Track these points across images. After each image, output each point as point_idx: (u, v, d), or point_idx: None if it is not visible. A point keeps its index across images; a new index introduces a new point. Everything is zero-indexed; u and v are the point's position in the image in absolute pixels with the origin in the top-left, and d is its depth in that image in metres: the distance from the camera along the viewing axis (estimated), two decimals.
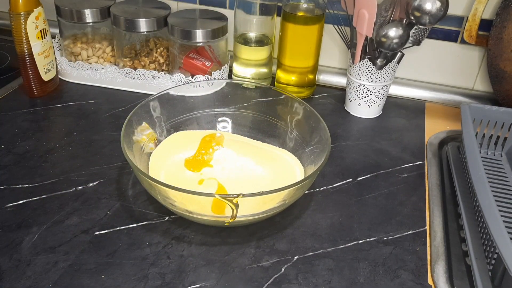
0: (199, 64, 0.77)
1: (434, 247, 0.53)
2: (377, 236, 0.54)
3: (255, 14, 0.77)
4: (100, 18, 0.79)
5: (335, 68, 0.87)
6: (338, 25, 0.77)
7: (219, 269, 0.48)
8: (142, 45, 0.79)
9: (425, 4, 0.64)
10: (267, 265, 0.49)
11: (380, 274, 0.49)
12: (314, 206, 0.58)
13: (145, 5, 0.80)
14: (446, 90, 0.83)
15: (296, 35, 0.76)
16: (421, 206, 0.59)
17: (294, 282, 0.48)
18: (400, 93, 0.84)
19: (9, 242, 0.50)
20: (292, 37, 0.76)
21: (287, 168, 0.61)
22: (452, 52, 0.81)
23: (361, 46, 0.71)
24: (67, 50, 0.82)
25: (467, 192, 0.58)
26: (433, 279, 0.49)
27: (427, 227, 0.56)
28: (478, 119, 0.66)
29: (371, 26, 0.68)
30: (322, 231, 0.54)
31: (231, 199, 0.45)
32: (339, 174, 0.64)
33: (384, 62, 0.72)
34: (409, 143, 0.71)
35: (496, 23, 0.72)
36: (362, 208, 0.58)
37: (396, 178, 0.64)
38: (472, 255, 0.50)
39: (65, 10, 0.78)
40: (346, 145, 0.70)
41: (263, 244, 0.52)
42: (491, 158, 0.67)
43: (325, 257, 0.51)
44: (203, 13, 0.79)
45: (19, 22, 0.69)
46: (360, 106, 0.77)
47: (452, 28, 0.79)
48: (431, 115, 0.79)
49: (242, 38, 0.79)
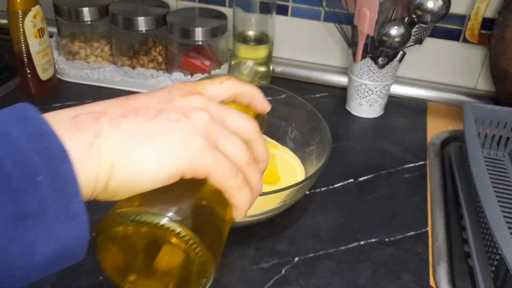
0: (198, 63, 0.76)
1: (436, 248, 0.52)
2: (379, 237, 0.53)
3: (254, 12, 0.76)
4: (98, 17, 0.78)
5: (336, 67, 0.87)
6: (339, 24, 0.76)
7: (218, 271, 0.48)
8: (140, 44, 0.79)
9: (427, 3, 0.63)
10: (267, 267, 0.49)
11: (382, 276, 0.49)
12: (315, 206, 0.57)
13: (143, 4, 0.79)
14: (448, 90, 0.83)
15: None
16: (423, 206, 0.58)
17: (294, 284, 0.47)
18: (402, 92, 0.84)
19: None
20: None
21: (288, 168, 0.60)
22: (454, 51, 0.80)
23: (362, 44, 0.71)
24: (65, 49, 0.81)
25: (470, 193, 0.58)
26: (435, 281, 0.49)
27: (429, 228, 0.55)
28: (480, 118, 0.65)
29: (373, 25, 0.67)
30: (323, 232, 0.54)
31: None
32: (340, 174, 0.63)
33: (385, 61, 0.72)
34: (411, 143, 0.71)
35: (498, 22, 0.72)
36: (363, 208, 0.58)
37: (397, 179, 0.63)
38: (474, 256, 0.49)
39: (63, 9, 0.77)
40: (347, 145, 0.69)
41: (263, 245, 0.51)
42: (494, 158, 0.67)
43: (326, 258, 0.50)
44: (202, 12, 0.79)
45: (17, 21, 0.68)
46: (361, 106, 0.76)
47: (454, 27, 0.78)
48: (433, 114, 0.79)
49: (241, 37, 0.78)
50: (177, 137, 0.27)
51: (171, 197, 0.28)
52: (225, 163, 0.28)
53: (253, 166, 0.30)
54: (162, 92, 0.30)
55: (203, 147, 0.27)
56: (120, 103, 0.28)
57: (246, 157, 0.30)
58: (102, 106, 0.27)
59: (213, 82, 0.33)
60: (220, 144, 0.28)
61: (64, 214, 0.23)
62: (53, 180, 0.23)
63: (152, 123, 0.27)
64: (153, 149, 0.26)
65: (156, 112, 0.28)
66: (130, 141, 0.26)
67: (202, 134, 0.27)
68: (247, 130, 0.31)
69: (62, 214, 0.23)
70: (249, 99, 0.35)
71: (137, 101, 0.28)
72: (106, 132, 0.26)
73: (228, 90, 0.33)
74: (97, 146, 0.25)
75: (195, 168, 0.27)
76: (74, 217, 0.24)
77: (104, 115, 0.26)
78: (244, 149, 0.30)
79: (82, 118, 0.26)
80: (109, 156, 0.25)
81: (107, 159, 0.25)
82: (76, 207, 0.24)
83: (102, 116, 0.26)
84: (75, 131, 0.25)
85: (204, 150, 0.27)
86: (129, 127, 0.26)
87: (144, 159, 0.26)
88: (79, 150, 0.24)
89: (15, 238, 0.22)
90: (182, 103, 0.29)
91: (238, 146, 0.29)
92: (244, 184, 0.29)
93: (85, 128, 0.25)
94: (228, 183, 0.28)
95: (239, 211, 0.30)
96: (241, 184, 0.29)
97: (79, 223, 0.24)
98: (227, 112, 0.30)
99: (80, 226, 0.24)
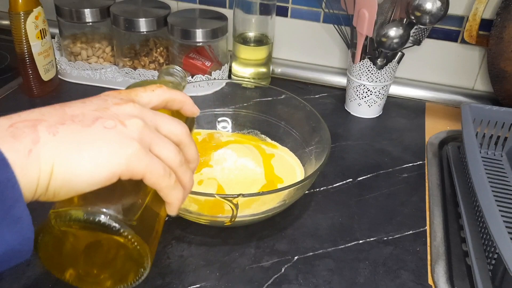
0: (199, 64, 0.77)
1: (435, 247, 0.53)
2: (378, 236, 0.54)
3: (255, 13, 0.77)
4: (99, 18, 0.79)
5: (335, 68, 0.87)
6: (338, 25, 0.76)
7: (219, 270, 0.48)
8: (141, 45, 0.79)
9: (425, 4, 0.64)
10: (267, 265, 0.49)
11: (381, 274, 0.49)
12: (314, 206, 0.58)
13: (144, 5, 0.80)
14: (447, 90, 0.83)
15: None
16: (422, 206, 0.59)
17: (294, 283, 0.47)
18: (401, 93, 0.84)
19: None
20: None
21: (287, 168, 0.61)
22: (452, 52, 0.81)
23: (361, 45, 0.71)
24: (67, 50, 0.81)
25: (468, 192, 0.58)
26: (434, 279, 0.49)
27: (427, 227, 0.56)
28: (478, 119, 0.66)
29: (372, 26, 0.68)
30: (322, 231, 0.54)
31: (231, 199, 0.45)
32: (340, 174, 0.64)
33: (384, 62, 0.72)
34: (409, 143, 0.71)
35: (496, 23, 0.72)
36: (362, 208, 0.58)
37: (396, 178, 0.63)
38: (472, 255, 0.50)
39: (65, 10, 0.78)
40: (346, 145, 0.70)
41: (263, 245, 0.52)
42: (492, 158, 0.67)
43: (325, 257, 0.51)
44: (203, 13, 0.79)
45: (19, 22, 0.69)
46: (360, 106, 0.77)
47: (452, 28, 0.79)
48: (432, 115, 0.79)
49: (241, 38, 0.78)
50: (114, 143, 0.29)
51: (109, 196, 0.30)
52: (159, 165, 0.30)
53: (184, 167, 0.33)
54: (97, 100, 0.32)
55: (139, 151, 0.29)
56: (56, 111, 0.29)
57: (178, 159, 0.32)
58: (37, 113, 0.29)
59: (146, 90, 0.35)
60: (154, 148, 0.31)
61: (7, 218, 0.25)
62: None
63: (89, 130, 0.29)
64: (91, 153, 0.28)
65: (93, 119, 0.29)
66: (68, 146, 0.27)
67: (137, 139, 0.30)
68: (178, 134, 0.33)
69: (5, 218, 0.25)
70: (179, 104, 0.37)
71: (73, 109, 0.30)
72: (44, 138, 0.27)
73: (160, 97, 0.35)
74: (36, 152, 0.26)
75: (132, 171, 0.29)
76: (17, 220, 0.25)
77: (41, 122, 0.28)
78: (176, 152, 0.32)
79: (19, 126, 0.27)
80: (48, 161, 0.27)
81: (46, 163, 0.27)
82: (19, 211, 0.25)
83: (39, 123, 0.27)
84: (13, 140, 0.26)
85: (140, 154, 0.29)
86: (67, 133, 0.28)
87: (82, 162, 0.27)
88: (18, 158, 0.26)
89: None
90: (118, 110, 0.31)
91: (171, 149, 0.32)
92: (177, 184, 0.32)
93: (23, 136, 0.26)
94: (162, 183, 0.31)
95: (172, 207, 0.33)
96: (174, 183, 0.32)
97: (23, 225, 0.26)
98: (159, 118, 0.33)
99: (24, 228, 0.26)
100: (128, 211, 0.30)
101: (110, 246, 0.32)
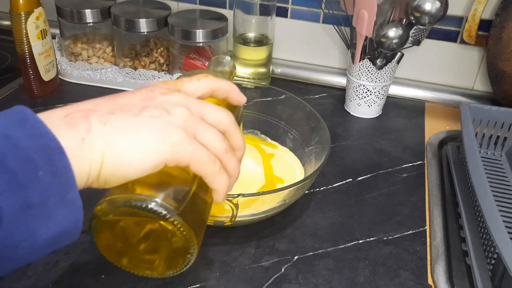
0: (199, 64, 0.77)
1: (434, 247, 0.53)
2: (377, 236, 0.54)
3: (254, 14, 0.77)
4: (100, 19, 0.79)
5: (335, 68, 0.88)
6: (338, 25, 0.77)
7: (219, 269, 0.48)
8: (142, 45, 0.79)
9: (424, 5, 0.64)
10: (267, 265, 0.49)
11: (380, 274, 0.49)
12: (314, 206, 0.58)
13: (145, 6, 0.80)
14: (446, 90, 0.83)
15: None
16: (421, 206, 0.59)
17: (294, 282, 0.48)
18: (400, 93, 0.84)
19: None
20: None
21: (287, 168, 0.61)
22: (451, 52, 0.81)
23: (361, 46, 0.72)
24: (68, 50, 0.82)
25: (467, 192, 0.58)
26: (433, 279, 0.49)
27: (427, 227, 0.56)
28: (478, 119, 0.66)
29: (371, 26, 0.68)
30: (322, 231, 0.54)
31: (231, 199, 0.45)
32: (339, 174, 0.64)
33: (384, 62, 0.72)
34: (409, 143, 0.71)
35: (495, 23, 0.72)
36: (362, 208, 0.58)
37: (396, 178, 0.64)
38: (472, 255, 0.50)
39: (66, 11, 0.78)
40: (346, 145, 0.70)
41: (263, 244, 0.52)
42: (491, 158, 0.67)
43: (325, 257, 0.51)
44: (203, 14, 0.79)
45: (20, 22, 0.69)
46: (360, 106, 0.77)
47: (451, 28, 0.79)
48: (431, 115, 0.79)
49: (241, 38, 0.79)
50: (160, 130, 0.30)
51: (157, 183, 0.31)
52: (203, 152, 0.31)
53: (230, 154, 0.34)
54: (145, 90, 0.33)
55: (183, 139, 0.30)
56: (107, 101, 0.31)
57: (223, 146, 0.33)
58: (91, 104, 0.30)
59: (191, 79, 0.36)
60: (199, 135, 0.32)
61: (63, 202, 0.26)
62: (52, 174, 0.26)
63: (137, 119, 0.30)
64: (139, 141, 0.29)
65: (141, 108, 0.30)
66: (118, 134, 0.29)
67: (182, 127, 0.31)
68: (223, 122, 0.34)
69: (61, 202, 0.26)
70: (225, 93, 0.38)
71: (123, 99, 0.31)
72: (96, 127, 0.28)
73: (205, 87, 0.36)
74: (89, 141, 0.28)
75: (177, 157, 0.30)
76: (71, 204, 0.27)
77: (93, 112, 0.29)
78: (221, 139, 0.33)
79: (73, 116, 0.28)
80: (100, 149, 0.28)
81: (98, 151, 0.28)
82: (72, 195, 0.27)
83: (91, 113, 0.29)
84: (68, 129, 0.27)
85: (184, 141, 0.30)
86: (116, 122, 0.29)
87: (132, 150, 0.29)
88: (73, 146, 0.27)
89: (22, 225, 0.25)
90: (164, 100, 0.32)
91: (215, 137, 0.33)
92: (222, 170, 0.33)
93: (77, 125, 0.28)
94: (207, 170, 0.32)
95: (218, 194, 0.34)
96: (219, 170, 0.32)
97: (75, 208, 0.27)
98: (204, 106, 0.33)
99: (75, 211, 0.28)
100: (175, 198, 0.31)
101: (159, 232, 0.32)
